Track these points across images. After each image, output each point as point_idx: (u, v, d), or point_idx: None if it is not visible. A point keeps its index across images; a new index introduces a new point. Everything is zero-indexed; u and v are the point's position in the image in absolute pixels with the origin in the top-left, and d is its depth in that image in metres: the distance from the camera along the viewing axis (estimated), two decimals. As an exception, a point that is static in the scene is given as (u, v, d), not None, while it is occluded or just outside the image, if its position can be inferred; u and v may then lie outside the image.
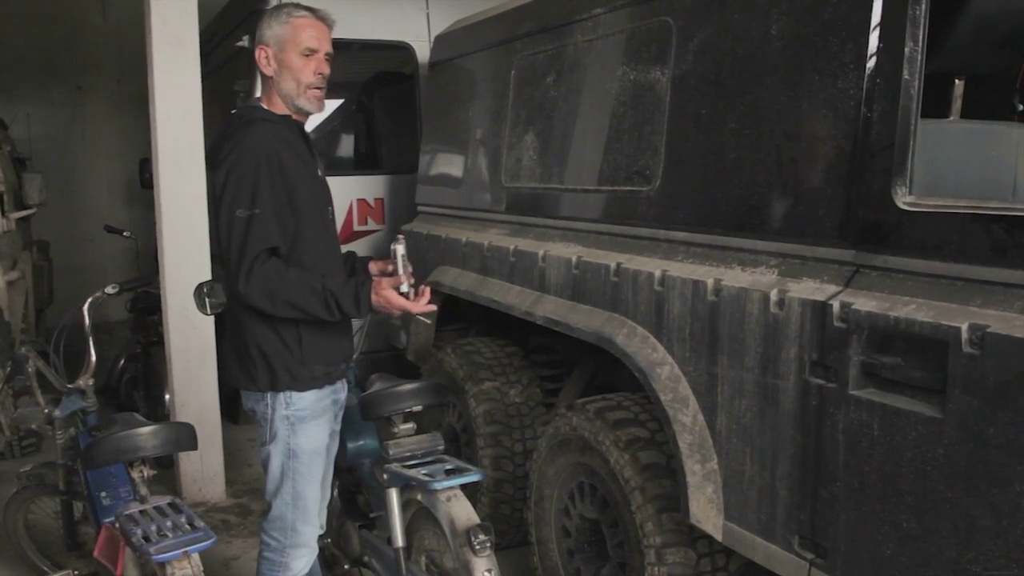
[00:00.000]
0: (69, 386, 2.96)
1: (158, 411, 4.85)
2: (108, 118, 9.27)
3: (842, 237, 2.05)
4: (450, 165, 4.27)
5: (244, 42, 4.95)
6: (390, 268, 2.86)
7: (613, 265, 2.77)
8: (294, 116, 2.51)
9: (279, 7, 2.49)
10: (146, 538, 2.31)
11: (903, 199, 1.92)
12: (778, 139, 2.24)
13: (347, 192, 5.05)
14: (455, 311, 4.31)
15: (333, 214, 2.70)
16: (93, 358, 3.03)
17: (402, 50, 5.10)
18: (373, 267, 2.84)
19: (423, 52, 5.01)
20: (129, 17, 8.41)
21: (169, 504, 2.51)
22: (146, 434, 2.41)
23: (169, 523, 2.39)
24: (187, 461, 4.50)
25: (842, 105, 2.06)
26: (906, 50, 1.91)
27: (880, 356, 1.91)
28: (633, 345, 2.63)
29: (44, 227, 7.73)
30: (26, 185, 6.00)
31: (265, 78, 2.51)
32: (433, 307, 2.44)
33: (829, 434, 2.00)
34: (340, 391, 2.65)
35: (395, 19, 5.04)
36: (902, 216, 1.91)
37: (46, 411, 2.98)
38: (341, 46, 4.98)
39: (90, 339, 3.03)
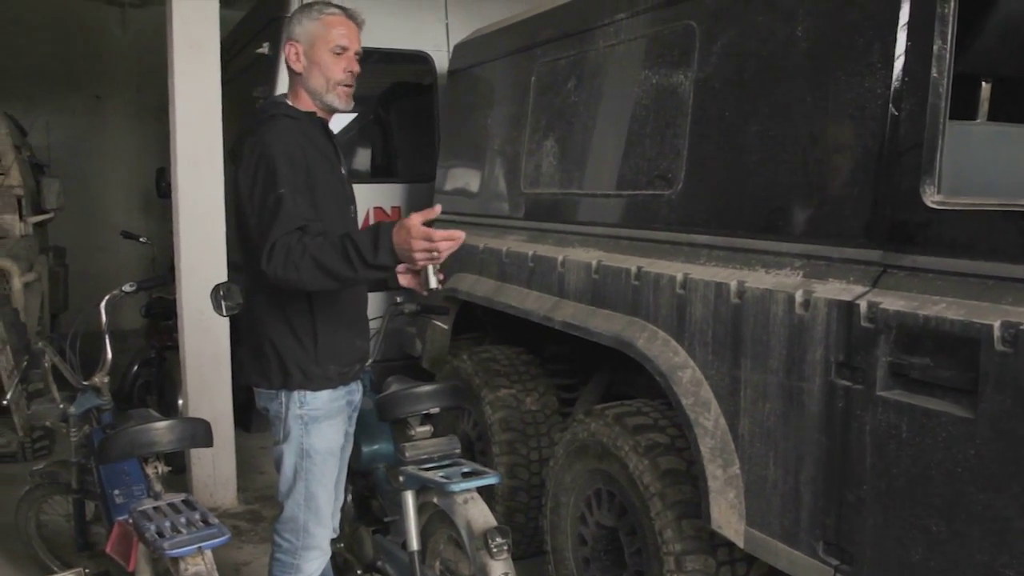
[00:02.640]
0: (84, 383, 2.95)
1: (171, 416, 4.84)
2: (125, 127, 9.34)
3: (869, 237, 2.03)
4: (468, 172, 4.27)
5: (264, 49, 4.97)
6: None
7: (634, 269, 2.75)
8: (319, 113, 2.50)
9: (310, 4, 2.48)
10: (160, 534, 2.29)
11: (932, 198, 1.90)
12: (804, 140, 2.23)
13: (364, 200, 4.98)
14: (471, 319, 4.29)
15: (355, 214, 2.68)
16: (109, 356, 3.02)
17: (420, 59, 5.11)
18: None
19: (442, 61, 5.02)
20: (148, 28, 8.50)
21: (183, 501, 2.49)
22: (161, 429, 2.40)
23: (183, 519, 2.37)
24: (199, 466, 4.49)
25: (869, 105, 2.04)
26: (935, 48, 1.90)
27: (909, 356, 1.88)
28: (654, 348, 2.61)
29: (61, 233, 7.77)
30: (44, 190, 6.04)
31: (293, 74, 2.49)
32: (460, 233, 2.17)
33: (856, 436, 1.97)
34: (355, 392, 2.63)
35: (414, 29, 5.06)
36: (931, 215, 1.89)
37: (61, 407, 2.97)
38: (363, 53, 5.05)
39: (107, 337, 3.03)
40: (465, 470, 2.70)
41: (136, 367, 5.60)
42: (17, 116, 7.65)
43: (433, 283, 2.37)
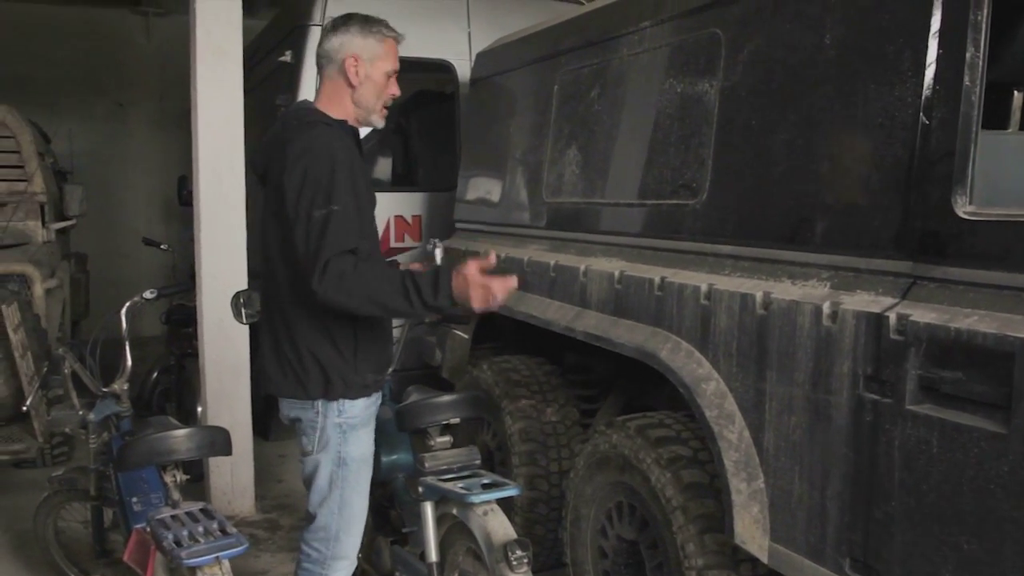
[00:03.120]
0: (104, 390, 2.95)
1: (189, 423, 4.84)
2: (148, 135, 9.42)
3: (898, 248, 1.99)
4: (489, 182, 4.25)
5: (287, 57, 4.99)
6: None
7: (657, 279, 2.72)
8: (350, 122, 2.50)
9: (369, 21, 2.47)
10: (177, 542, 2.29)
11: (964, 208, 1.86)
12: (832, 149, 2.19)
13: (384, 209, 5.01)
14: (491, 329, 4.27)
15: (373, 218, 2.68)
16: (129, 362, 3.02)
17: (443, 68, 5.11)
18: (415, 267, 2.84)
19: (464, 70, 5.02)
20: (172, 36, 8.57)
21: (201, 510, 2.48)
22: (180, 437, 2.39)
23: (201, 528, 2.36)
24: (217, 474, 4.48)
25: (899, 113, 2.00)
26: (967, 56, 1.86)
27: (939, 370, 1.84)
28: (678, 360, 2.57)
29: (83, 240, 7.82)
30: (67, 196, 6.07)
31: (336, 85, 2.48)
32: (514, 279, 2.33)
33: (884, 451, 1.93)
34: (378, 400, 2.62)
35: (437, 37, 5.06)
36: (962, 226, 1.85)
37: (80, 413, 2.97)
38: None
39: (126, 344, 3.03)
40: (485, 481, 2.67)
41: (156, 374, 5.62)
42: (42, 123, 7.72)
43: None
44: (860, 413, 1.99)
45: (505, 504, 3.67)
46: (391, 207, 5.06)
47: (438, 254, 2.62)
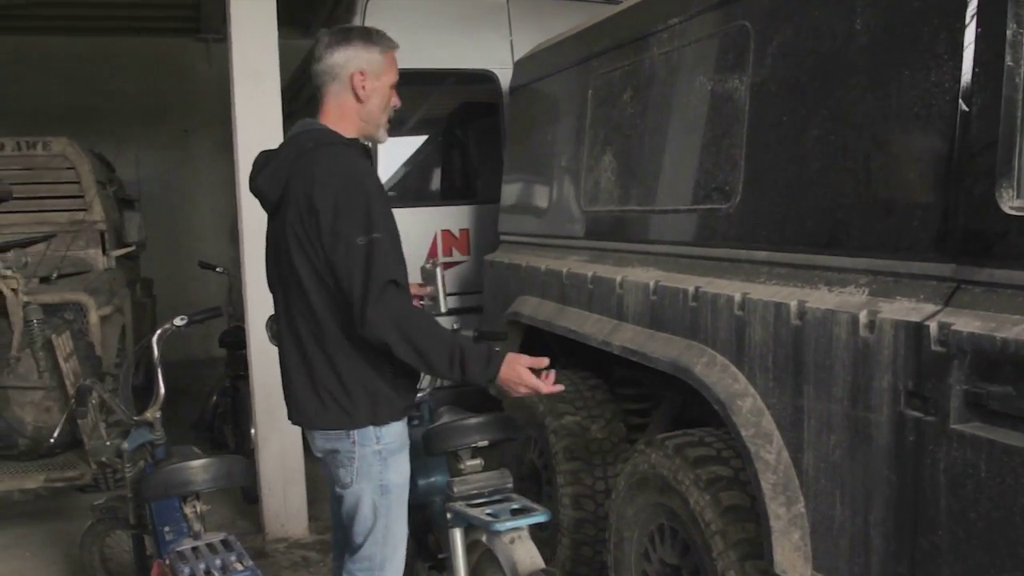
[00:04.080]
0: (136, 419, 2.93)
1: (245, 446, 4.85)
2: (212, 160, 9.58)
3: (940, 250, 1.81)
4: (531, 192, 4.15)
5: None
6: (428, 289, 2.77)
7: (692, 289, 2.57)
8: (361, 140, 2.44)
9: (371, 35, 2.40)
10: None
11: (1010, 203, 1.68)
12: (866, 144, 2.02)
13: (432, 223, 4.99)
14: (542, 343, 4.15)
15: None
16: (162, 391, 2.99)
17: (486, 78, 5.03)
18: (416, 289, 2.78)
19: (507, 79, 4.92)
20: (233, 62, 8.71)
21: (222, 541, 2.43)
22: (196, 468, 2.35)
23: (218, 562, 2.31)
24: (270, 496, 4.47)
25: (937, 101, 1.82)
26: (1009, 33, 1.68)
27: (987, 384, 1.65)
28: (712, 375, 2.42)
29: (151, 265, 8.00)
30: (126, 223, 6.19)
31: (342, 102, 2.39)
32: (560, 387, 2.35)
33: (929, 475, 1.75)
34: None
35: (479, 47, 4.98)
36: (1009, 223, 1.66)
37: (111, 443, 2.96)
38: (425, 76, 4.99)
39: (159, 371, 3.00)
40: (515, 506, 2.56)
41: (216, 397, 5.67)
42: (109, 152, 7.94)
43: (444, 308, 2.78)
44: (902, 432, 1.82)
45: (551, 524, 3.56)
46: (438, 221, 4.99)
47: (439, 273, 2.55)
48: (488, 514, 2.51)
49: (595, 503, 3.42)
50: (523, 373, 2.26)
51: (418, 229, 4.96)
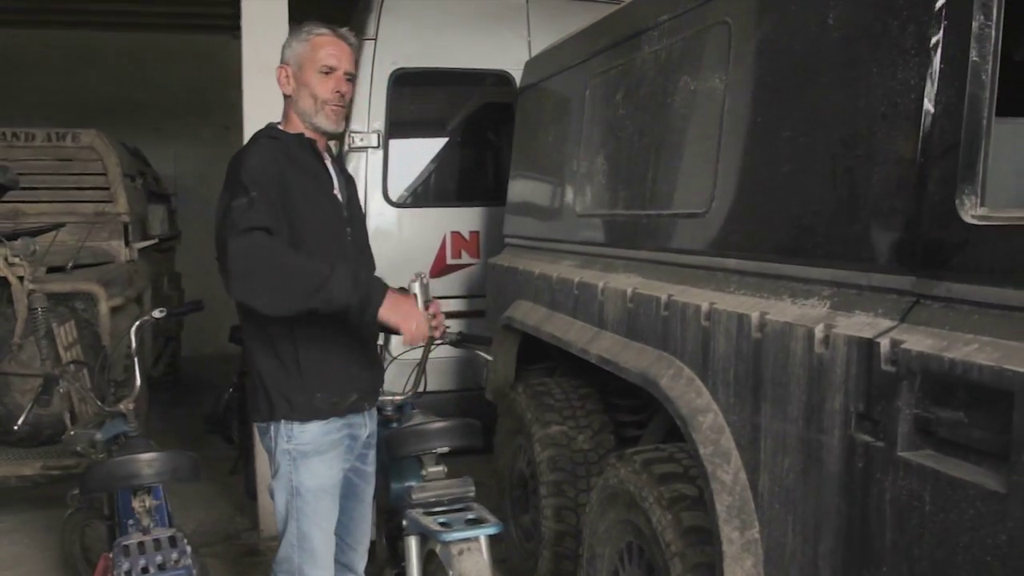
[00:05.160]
0: (107, 409, 2.90)
1: (249, 441, 4.82)
2: (253, 156, 9.65)
3: (901, 261, 1.67)
4: (532, 194, 4.05)
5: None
6: None
7: (664, 298, 2.45)
8: (308, 134, 2.38)
9: (300, 26, 2.40)
10: (128, 573, 2.18)
11: (971, 211, 1.53)
12: (833, 146, 1.88)
13: (441, 224, 4.92)
14: (538, 350, 4.04)
15: (355, 236, 2.51)
16: (138, 382, 2.97)
17: (501, 79, 4.94)
18: None
19: (522, 80, 4.84)
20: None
21: (169, 537, 2.37)
22: (140, 462, 2.30)
23: (159, 558, 2.25)
24: (266, 493, 4.41)
25: (903, 100, 1.68)
26: (974, 25, 1.53)
27: (937, 409, 1.51)
28: (677, 388, 2.29)
29: (186, 259, 8.09)
30: (150, 216, 6.24)
31: (285, 97, 2.42)
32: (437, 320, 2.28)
33: (876, 505, 1.61)
34: (360, 426, 2.43)
35: (495, 47, 4.89)
36: (969, 232, 1.52)
37: (81, 433, 2.93)
38: (440, 75, 4.92)
39: (136, 362, 2.98)
40: (470, 516, 2.46)
41: (228, 392, 5.66)
42: (149, 146, 8.05)
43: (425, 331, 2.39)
44: (852, 457, 1.68)
45: (535, 536, 3.44)
46: (448, 222, 4.92)
47: (417, 291, 2.45)
48: (441, 523, 2.41)
49: (577, 516, 3.29)
50: (413, 310, 2.20)
51: (427, 230, 4.89)
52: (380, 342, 4.79)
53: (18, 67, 8.93)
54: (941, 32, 1.60)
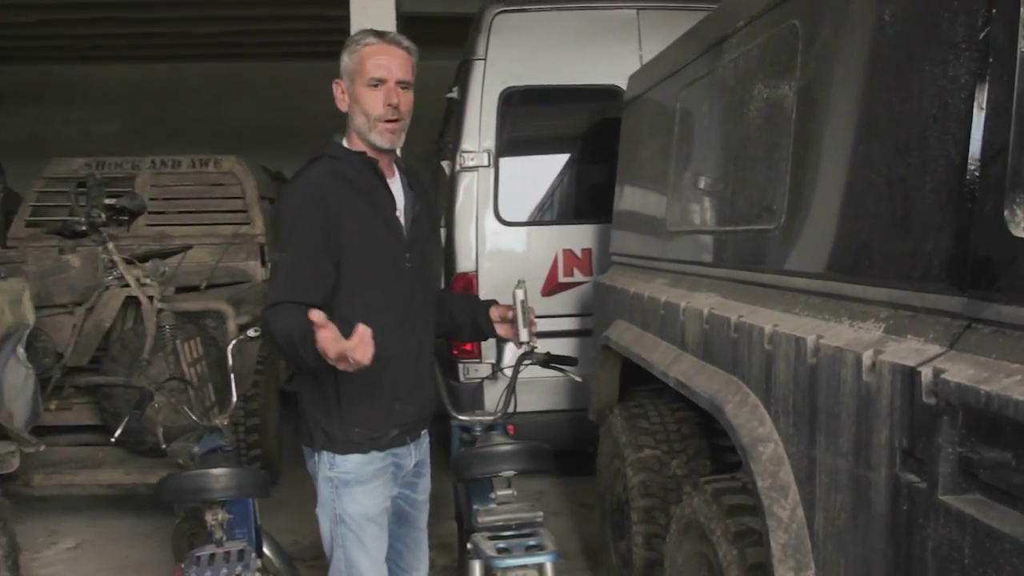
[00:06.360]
0: (203, 424, 3.03)
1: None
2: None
3: (951, 280, 1.49)
4: (633, 210, 3.95)
5: (453, 93, 5.00)
6: (510, 315, 2.61)
7: (734, 319, 2.31)
8: (370, 153, 2.35)
9: (349, 39, 2.37)
10: (193, 585, 2.26)
11: (1021, 223, 1.35)
12: (888, 153, 1.72)
13: (552, 242, 4.88)
14: (640, 371, 3.92)
15: (416, 260, 2.42)
16: (234, 398, 3.08)
17: (612, 94, 4.85)
18: (494, 313, 2.64)
19: (634, 95, 4.74)
20: (416, 84, 9.01)
21: (239, 551, 2.44)
22: (208, 477, 2.38)
23: (224, 570, 2.32)
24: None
25: (952, 100, 1.51)
26: (1023, 11, 1.35)
27: (983, 448, 1.33)
28: (741, 416, 2.15)
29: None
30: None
31: (345, 115, 2.39)
32: (364, 337, 1.93)
33: (918, 553, 1.44)
34: (405, 456, 2.42)
35: (606, 63, 4.80)
36: (1018, 247, 1.34)
37: (183, 446, 3.07)
38: (550, 92, 4.89)
39: (232, 379, 3.09)
40: (531, 543, 2.40)
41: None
42: (293, 170, 8.44)
43: (524, 336, 2.51)
44: (897, 498, 1.51)
45: (629, 563, 3.33)
46: (559, 240, 4.87)
47: (519, 300, 2.41)
48: (500, 548, 2.36)
49: (669, 546, 3.16)
50: (327, 344, 1.92)
51: (538, 248, 4.86)
52: (491, 360, 4.80)
53: (171, 99, 9.61)
54: (989, 23, 1.42)
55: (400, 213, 2.42)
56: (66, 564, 4.43)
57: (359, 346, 1.90)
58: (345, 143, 2.39)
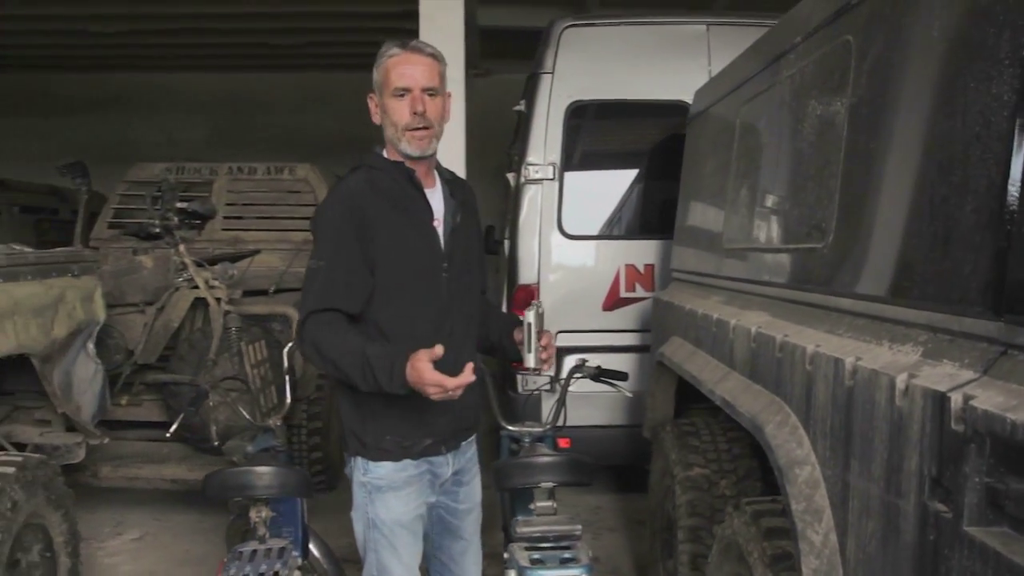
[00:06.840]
0: (257, 424, 3.11)
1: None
2: (476, 189, 10.08)
3: (986, 304, 1.44)
4: (693, 227, 3.91)
5: (521, 107, 5.03)
6: (519, 338, 2.56)
7: (779, 338, 2.27)
8: (408, 163, 2.37)
9: (380, 52, 2.40)
10: (231, 581, 2.32)
11: (1058, 247, 1.30)
12: (931, 172, 1.67)
13: (615, 257, 4.86)
14: (694, 388, 3.88)
15: (454, 272, 2.42)
16: (288, 400, 3.16)
17: (679, 109, 4.81)
18: (517, 334, 2.59)
19: (701, 111, 4.70)
20: (490, 96, 9.07)
21: (280, 548, 2.50)
22: (251, 475, 2.44)
23: (263, 567, 2.38)
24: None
25: (995, 117, 1.47)
26: (1064, 29, 1.31)
27: (1011, 479, 1.28)
28: (781, 437, 2.11)
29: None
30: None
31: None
32: (469, 378, 2.04)
33: (943, 585, 1.39)
34: (442, 465, 2.42)
35: (675, 78, 4.77)
36: (1053, 272, 1.29)
37: (237, 445, 3.16)
38: (617, 107, 4.88)
39: (286, 381, 3.17)
40: (565, 555, 2.39)
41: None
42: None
43: (532, 363, 2.42)
44: (925, 528, 1.46)
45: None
46: (622, 255, 4.85)
47: (529, 323, 2.38)
48: (534, 559, 2.36)
49: (715, 568, 3.11)
50: (422, 371, 2.00)
51: (601, 263, 4.85)
52: (551, 373, 4.82)
53: (251, 108, 9.89)
54: (1035, 38, 1.38)
55: (438, 223, 2.42)
56: (130, 554, 4.58)
57: (460, 385, 2.03)
58: (385, 154, 2.42)
